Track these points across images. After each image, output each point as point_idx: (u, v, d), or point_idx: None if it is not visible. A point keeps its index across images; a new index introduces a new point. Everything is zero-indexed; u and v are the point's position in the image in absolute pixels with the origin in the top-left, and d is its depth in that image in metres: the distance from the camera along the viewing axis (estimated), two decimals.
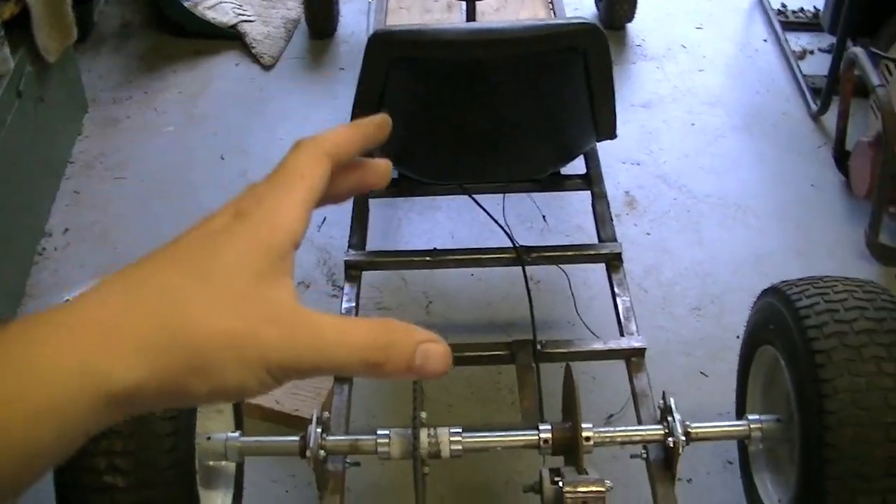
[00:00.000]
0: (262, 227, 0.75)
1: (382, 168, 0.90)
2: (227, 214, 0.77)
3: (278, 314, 0.72)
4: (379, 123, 0.88)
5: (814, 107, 3.99)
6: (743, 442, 2.33)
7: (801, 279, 2.14)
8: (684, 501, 2.26)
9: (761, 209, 3.56)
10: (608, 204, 2.93)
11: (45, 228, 3.50)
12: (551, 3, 3.82)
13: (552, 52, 2.43)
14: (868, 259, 3.32)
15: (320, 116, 3.97)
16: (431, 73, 2.48)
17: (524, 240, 2.83)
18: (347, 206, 2.94)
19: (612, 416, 2.80)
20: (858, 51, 3.38)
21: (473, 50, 2.38)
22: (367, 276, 2.95)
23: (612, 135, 2.72)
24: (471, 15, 3.48)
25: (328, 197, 0.83)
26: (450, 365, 0.73)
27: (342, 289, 2.71)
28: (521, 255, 2.74)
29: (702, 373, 2.98)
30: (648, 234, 3.44)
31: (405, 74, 2.47)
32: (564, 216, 3.44)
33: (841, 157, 3.63)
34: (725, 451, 2.66)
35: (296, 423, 2.71)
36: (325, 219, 3.48)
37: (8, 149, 3.19)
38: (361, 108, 2.56)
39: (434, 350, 0.74)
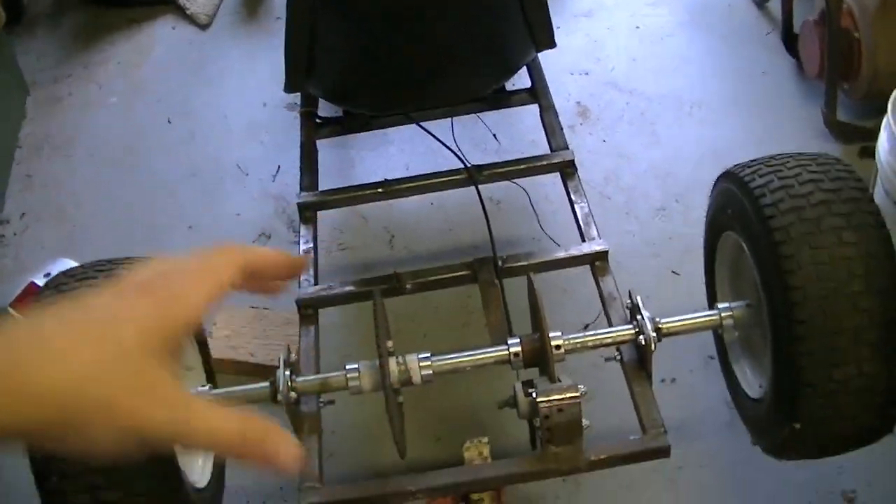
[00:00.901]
0: (163, 307, 0.84)
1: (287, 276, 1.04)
2: (133, 285, 0.86)
3: (160, 393, 0.81)
4: (296, 264, 1.04)
5: None
6: (717, 333, 2.31)
7: (753, 160, 2.10)
8: (670, 401, 2.26)
9: (716, 103, 3.53)
10: (556, 114, 2.89)
11: (1, 215, 3.45)
12: None
13: None
14: (828, 138, 3.30)
15: (262, 68, 3.93)
16: (358, 2, 2.44)
17: (479, 161, 2.79)
18: (298, 152, 2.91)
19: (587, 325, 2.77)
20: None
21: None
22: (328, 217, 2.92)
23: (550, 44, 2.68)
24: None
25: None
26: (299, 464, 0.85)
27: (299, 232, 2.69)
28: (473, 175, 2.70)
29: (673, 272, 2.96)
30: (604, 141, 3.41)
31: (332, 8, 2.42)
32: (516, 134, 3.40)
33: (789, 41, 3.60)
34: (705, 347, 2.63)
35: (270, 373, 2.68)
36: (278, 168, 3.45)
37: None
38: (295, 42, 2.52)
39: (286, 452, 0.85)
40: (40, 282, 2.97)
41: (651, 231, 3.08)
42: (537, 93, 2.96)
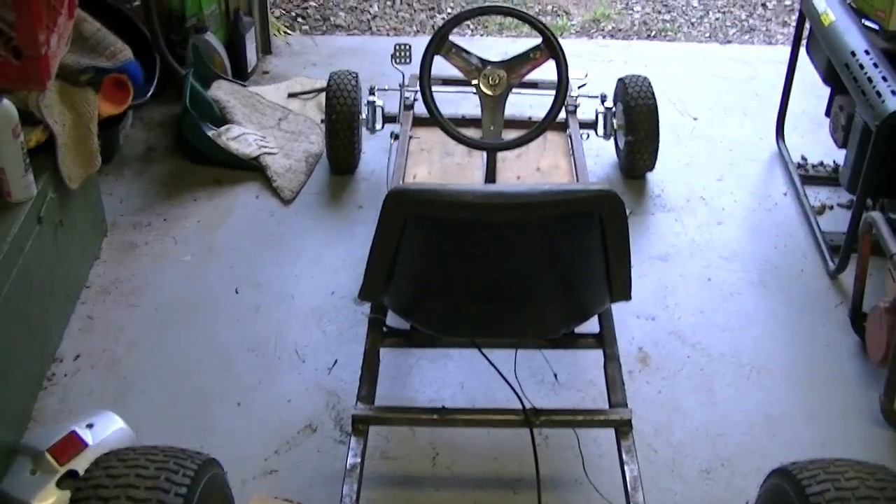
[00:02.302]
0: None
1: None
2: None
3: None
4: None
5: (831, 265, 3.98)
6: None
7: (811, 461, 2.11)
8: None
9: (775, 369, 3.53)
10: (620, 366, 2.92)
11: (56, 353, 3.49)
12: (572, 150, 3.86)
13: (569, 215, 2.44)
14: (882, 424, 3.29)
15: (335, 255, 3.99)
16: (447, 231, 2.49)
17: (534, 394, 2.81)
18: (357, 347, 2.94)
19: None
20: (876, 215, 3.39)
21: (490, 213, 2.39)
22: None
23: (626, 297, 2.71)
24: (491, 163, 3.50)
25: None
26: None
27: (348, 442, 2.70)
28: (530, 418, 2.72)
29: None
30: (660, 392, 3.41)
31: (421, 231, 2.47)
32: (577, 371, 3.41)
33: (857, 319, 3.62)
34: None
35: None
36: (336, 361, 3.47)
37: (26, 273, 3.20)
38: (377, 258, 2.57)
39: None
40: (82, 432, 2.99)
41: (694, 493, 3.05)
42: (604, 341, 2.99)
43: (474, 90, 3.46)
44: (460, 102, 4.28)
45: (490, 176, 3.61)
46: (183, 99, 4.51)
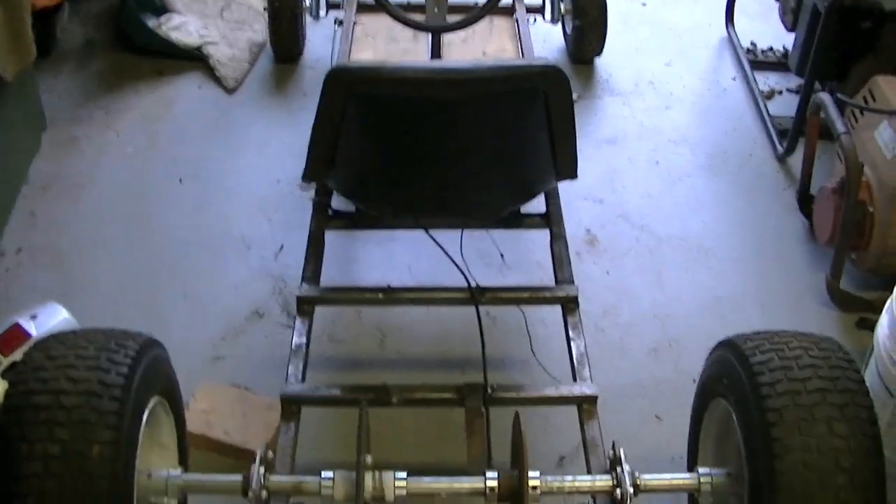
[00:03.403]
0: None
1: None
2: None
3: None
4: None
5: (780, 149, 3.97)
6: (692, 494, 2.30)
7: (756, 333, 2.11)
8: None
9: (723, 251, 3.54)
10: (566, 244, 2.91)
11: None
12: (518, 35, 3.81)
13: (513, 91, 2.41)
14: (828, 305, 3.31)
15: (281, 143, 3.95)
16: (390, 109, 2.45)
17: (482, 276, 2.79)
18: (304, 234, 2.92)
19: (563, 458, 2.77)
20: (824, 97, 3.37)
21: (433, 89, 2.35)
22: (321, 307, 2.91)
23: (572, 175, 2.69)
24: (436, 47, 3.45)
25: None
26: None
27: (294, 323, 2.68)
28: (476, 296, 2.71)
29: (657, 416, 2.95)
30: (608, 273, 3.41)
31: (363, 110, 2.44)
32: (523, 252, 3.41)
33: (805, 201, 3.62)
34: (677, 502, 2.63)
35: (245, 456, 2.66)
36: (281, 247, 3.45)
37: None
38: (319, 138, 2.53)
39: None
40: (26, 323, 2.95)
41: (641, 372, 3.07)
42: (550, 220, 2.98)
43: None
44: None
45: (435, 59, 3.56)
46: None
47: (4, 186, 3.61)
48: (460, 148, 2.52)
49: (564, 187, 3.05)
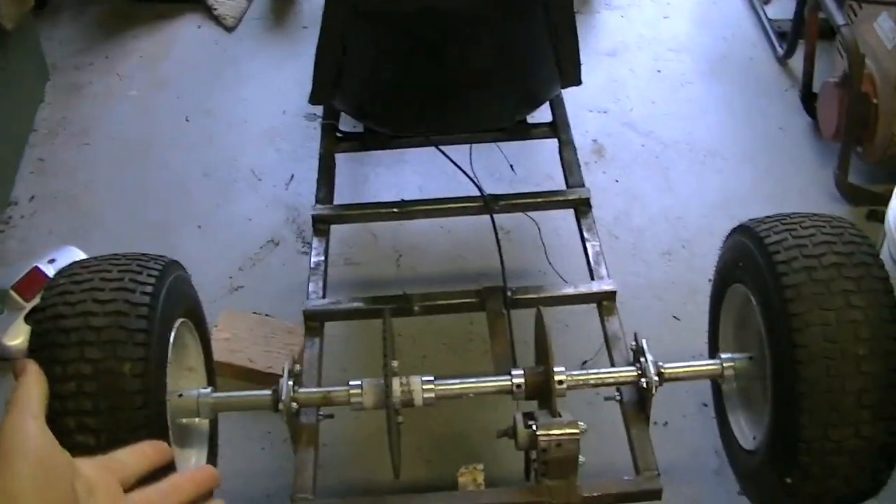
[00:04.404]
0: None
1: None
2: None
3: None
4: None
5: (780, 51, 3.98)
6: (716, 382, 2.33)
7: (769, 216, 2.12)
8: (661, 444, 2.26)
9: (730, 154, 3.56)
10: (575, 150, 2.93)
11: (10, 197, 3.46)
12: None
13: None
14: (838, 199, 3.33)
15: (284, 76, 3.96)
16: (391, 23, 2.46)
17: (493, 190, 2.81)
18: (313, 164, 2.93)
19: (585, 362, 2.79)
20: None
21: None
22: (337, 231, 2.94)
23: (576, 81, 2.70)
24: None
25: None
26: None
27: (311, 244, 2.70)
28: (489, 204, 2.73)
29: (674, 316, 2.98)
30: (617, 181, 3.43)
31: (365, 26, 2.45)
32: (533, 166, 3.43)
33: (808, 100, 3.63)
34: (700, 393, 2.66)
35: (270, 382, 2.67)
36: (292, 176, 3.47)
37: None
38: (324, 57, 2.54)
39: None
40: (45, 267, 2.98)
41: (656, 274, 3.10)
42: (557, 127, 2.99)
43: None
44: None
45: None
46: None
47: (12, 136, 3.63)
48: (464, 57, 2.53)
49: (569, 99, 3.07)
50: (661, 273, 3.10)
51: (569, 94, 2.98)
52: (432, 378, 2.09)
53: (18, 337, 2.86)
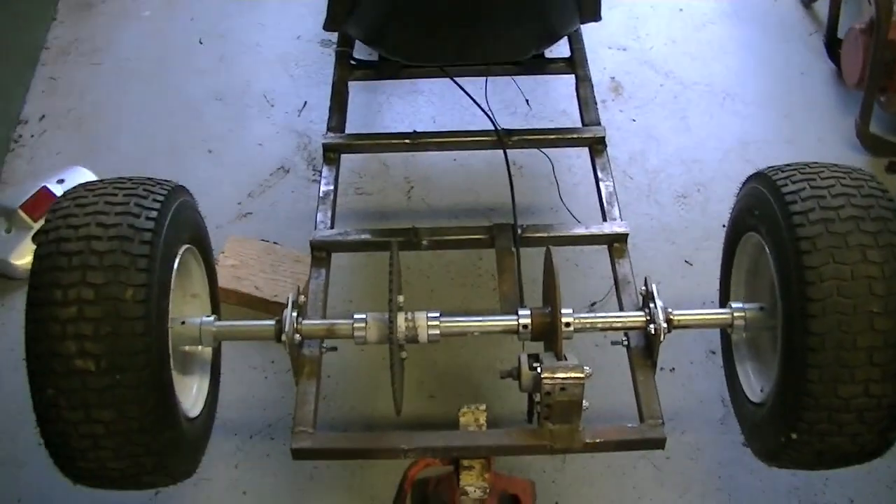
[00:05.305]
0: None
1: None
2: None
3: None
4: None
5: None
6: (725, 331, 2.30)
7: (787, 165, 2.08)
8: (667, 391, 2.25)
9: (749, 96, 3.50)
10: (592, 87, 2.88)
11: (20, 115, 3.43)
12: None
13: None
14: (858, 149, 3.28)
15: (299, 1, 3.89)
16: None
17: (507, 125, 2.77)
18: (326, 91, 2.90)
19: (594, 303, 2.77)
20: None
21: None
22: (348, 160, 2.90)
23: (595, 16, 2.65)
24: None
25: None
26: None
27: (321, 172, 2.67)
28: (503, 138, 2.69)
29: (686, 261, 2.95)
30: (634, 120, 3.39)
31: None
32: (549, 101, 3.38)
33: (832, 45, 3.57)
34: (709, 341, 2.64)
35: (275, 310, 2.66)
36: (305, 103, 3.43)
37: None
38: None
39: None
40: (53, 187, 2.96)
41: (670, 217, 3.07)
42: (575, 63, 2.94)
43: None
44: None
45: None
46: None
47: (23, 54, 3.59)
48: None
49: (588, 35, 3.01)
50: (675, 216, 3.07)
51: (588, 30, 2.93)
52: (438, 314, 2.06)
53: (25, 256, 2.85)
